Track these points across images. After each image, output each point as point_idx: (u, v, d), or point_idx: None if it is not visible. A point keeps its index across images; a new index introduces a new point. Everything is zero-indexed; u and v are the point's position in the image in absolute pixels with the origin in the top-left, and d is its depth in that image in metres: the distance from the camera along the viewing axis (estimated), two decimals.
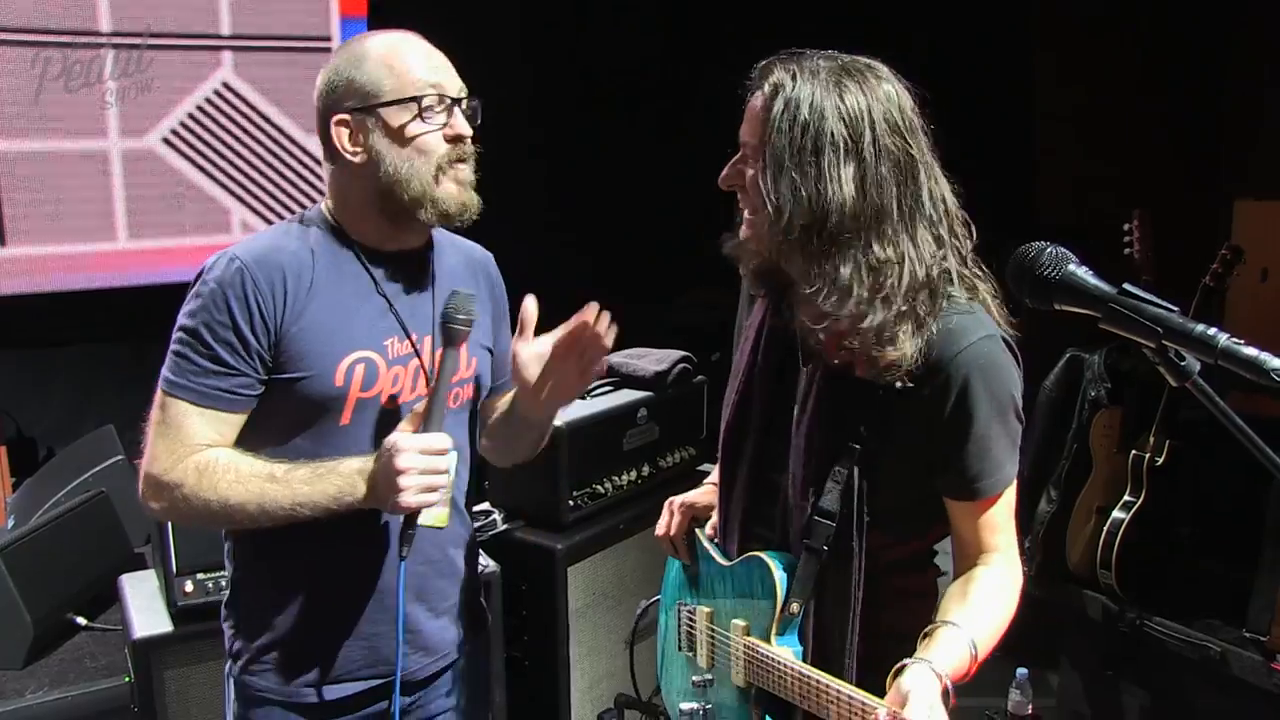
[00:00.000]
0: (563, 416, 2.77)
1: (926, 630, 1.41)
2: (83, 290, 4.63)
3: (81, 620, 2.95)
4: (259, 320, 1.55)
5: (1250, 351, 1.01)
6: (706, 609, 1.69)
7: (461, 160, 1.62)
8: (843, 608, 1.50)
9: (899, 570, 1.56)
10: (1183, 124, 5.99)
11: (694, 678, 1.71)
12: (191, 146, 4.78)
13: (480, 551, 2.71)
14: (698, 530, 1.78)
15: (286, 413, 1.60)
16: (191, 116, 4.76)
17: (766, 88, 1.43)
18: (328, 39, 5.06)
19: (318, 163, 5.12)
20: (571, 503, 2.80)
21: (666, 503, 1.82)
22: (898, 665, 1.33)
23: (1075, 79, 6.42)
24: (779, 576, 1.52)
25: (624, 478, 2.96)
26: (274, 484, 1.53)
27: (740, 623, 1.59)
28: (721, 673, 1.65)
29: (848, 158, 1.39)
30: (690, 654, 1.75)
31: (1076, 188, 6.32)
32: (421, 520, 1.58)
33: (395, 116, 1.58)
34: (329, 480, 1.53)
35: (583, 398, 2.98)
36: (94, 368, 4.72)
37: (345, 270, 1.63)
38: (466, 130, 1.61)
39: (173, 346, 1.59)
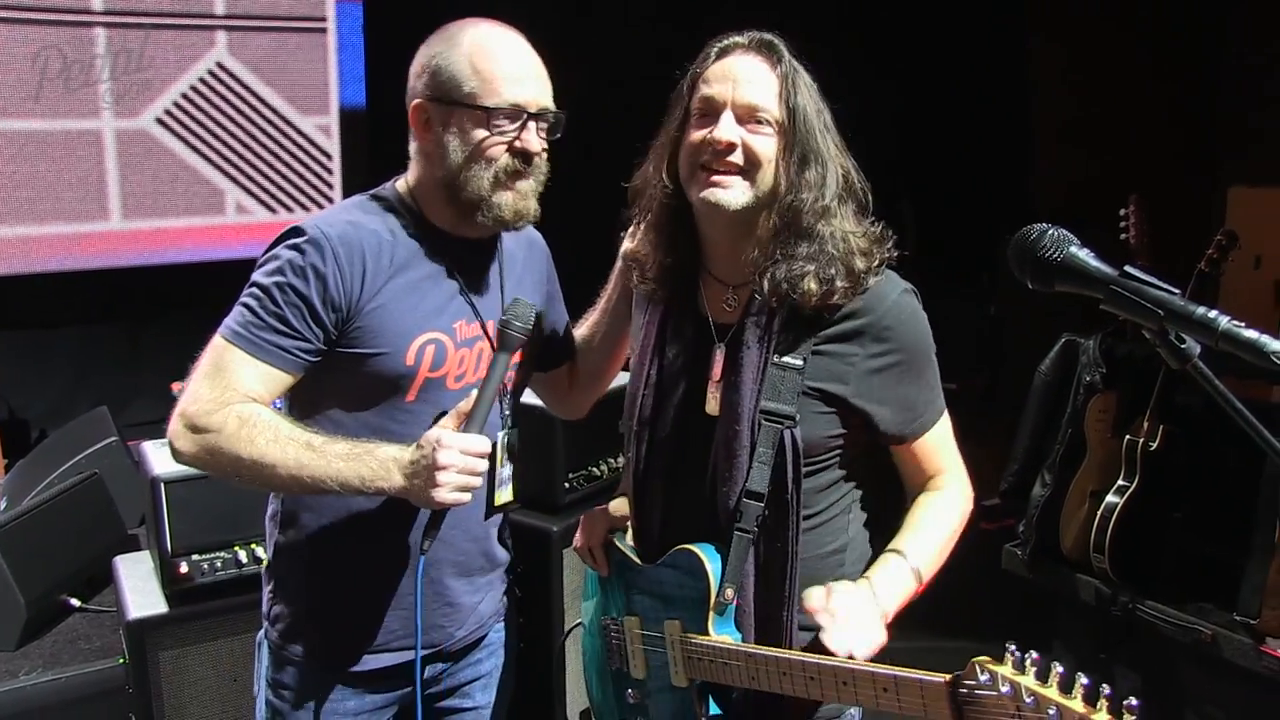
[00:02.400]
0: None
1: (877, 559, 1.53)
2: (76, 271, 4.61)
3: (75, 602, 2.94)
4: (333, 295, 1.56)
5: (1251, 334, 1.01)
6: (634, 618, 1.67)
7: (522, 174, 1.62)
8: (779, 586, 1.52)
9: (821, 532, 1.59)
10: (1179, 112, 5.99)
11: (630, 690, 1.68)
12: (185, 127, 4.76)
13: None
14: (616, 539, 1.76)
15: (354, 385, 1.62)
16: (185, 97, 4.73)
17: (783, 61, 1.49)
18: (323, 20, 5.03)
19: (312, 144, 5.10)
20: (567, 485, 2.80)
21: (583, 516, 1.84)
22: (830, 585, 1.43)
23: (1072, 68, 6.41)
24: (711, 565, 1.52)
25: (620, 460, 2.96)
26: (310, 452, 1.53)
27: (674, 622, 1.57)
28: (659, 678, 1.63)
29: (833, 125, 1.54)
30: (623, 668, 1.72)
31: (1073, 173, 6.32)
32: (499, 499, 1.70)
33: (467, 120, 1.59)
34: (364, 462, 1.53)
35: None
36: (88, 349, 4.70)
37: (421, 252, 1.65)
38: (534, 147, 1.61)
39: (242, 299, 1.60)
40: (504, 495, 1.74)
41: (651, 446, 1.65)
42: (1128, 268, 1.11)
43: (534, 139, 1.61)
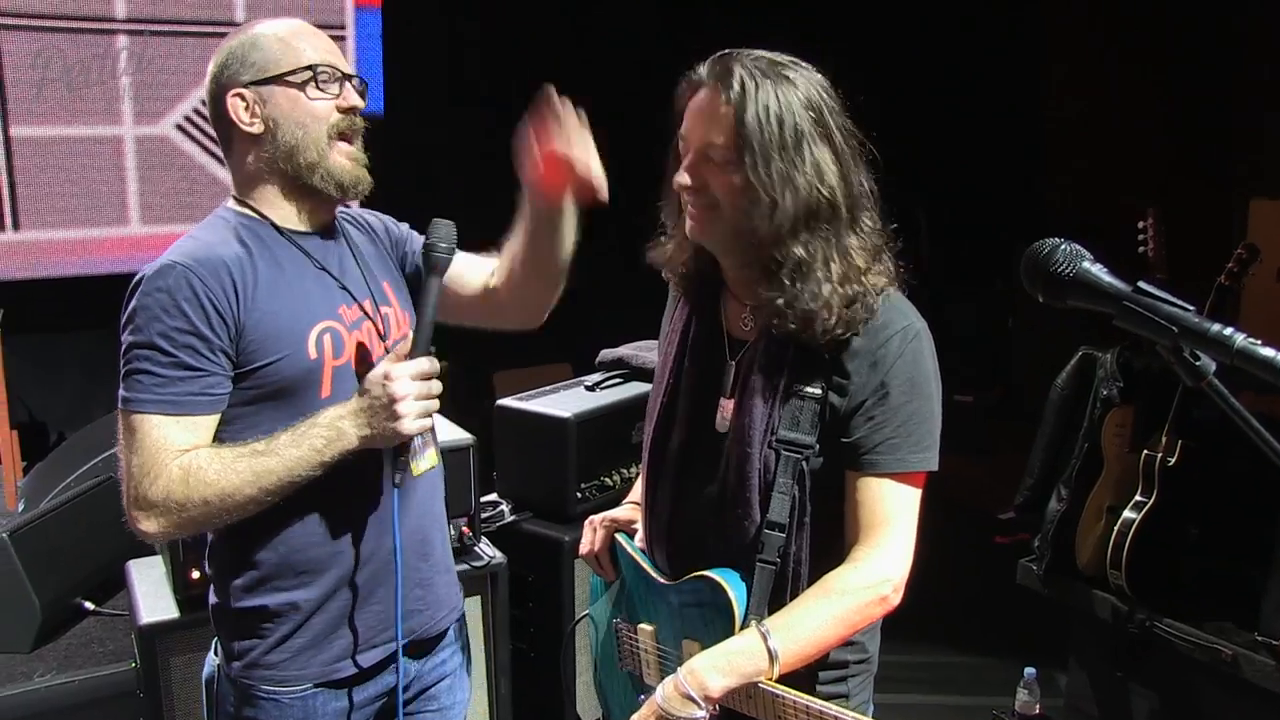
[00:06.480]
0: (571, 409, 2.77)
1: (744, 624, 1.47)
2: (95, 275, 4.64)
3: (89, 605, 2.96)
4: (216, 318, 1.53)
5: (1267, 352, 0.99)
6: (649, 626, 1.64)
7: (351, 133, 1.67)
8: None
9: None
10: (1196, 123, 5.94)
11: (642, 695, 1.65)
12: (205, 134, 4.79)
13: (484, 539, 2.71)
14: (625, 541, 1.74)
15: (266, 399, 1.59)
16: (205, 103, 4.76)
17: (732, 89, 1.43)
18: (342, 28, 5.05)
19: None
20: (579, 495, 2.80)
21: (587, 521, 1.82)
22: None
23: (1086, 80, 6.38)
24: (735, 595, 1.49)
25: (632, 470, 2.95)
26: (261, 458, 1.51)
27: (693, 643, 1.54)
28: None
29: (822, 141, 1.44)
30: (634, 671, 1.70)
31: (1088, 187, 6.29)
32: (416, 469, 1.65)
33: (291, 86, 1.63)
34: (314, 434, 1.53)
35: (591, 390, 2.97)
36: (105, 353, 4.69)
37: (279, 254, 1.65)
38: (358, 102, 1.67)
39: (127, 366, 1.56)
40: (422, 463, 1.69)
41: (662, 454, 1.64)
42: (1141, 283, 1.09)
43: (354, 94, 1.66)
